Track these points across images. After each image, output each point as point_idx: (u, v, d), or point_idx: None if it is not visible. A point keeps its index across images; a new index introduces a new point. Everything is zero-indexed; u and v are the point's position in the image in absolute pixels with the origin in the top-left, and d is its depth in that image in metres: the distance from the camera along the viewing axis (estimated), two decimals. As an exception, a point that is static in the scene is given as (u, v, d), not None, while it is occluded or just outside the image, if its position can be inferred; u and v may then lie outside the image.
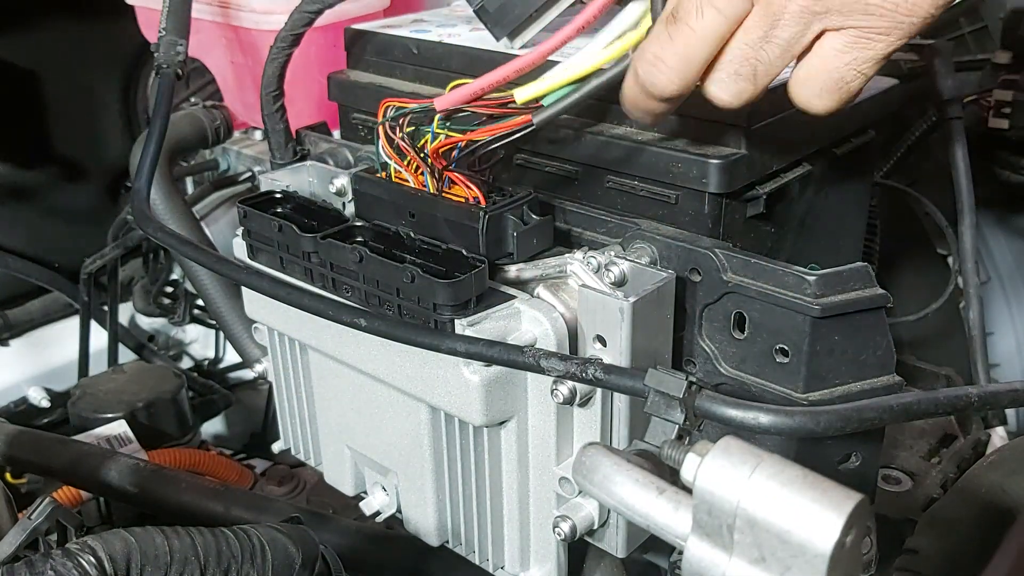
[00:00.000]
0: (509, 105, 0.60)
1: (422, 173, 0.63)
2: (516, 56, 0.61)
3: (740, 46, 0.53)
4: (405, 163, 0.63)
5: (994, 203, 1.02)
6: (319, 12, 0.77)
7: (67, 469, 0.84)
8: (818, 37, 0.52)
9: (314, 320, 0.60)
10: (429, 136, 0.61)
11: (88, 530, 0.56)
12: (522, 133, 0.60)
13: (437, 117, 0.61)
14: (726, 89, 0.54)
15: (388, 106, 0.62)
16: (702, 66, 0.54)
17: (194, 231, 1.02)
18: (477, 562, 0.68)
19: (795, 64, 0.54)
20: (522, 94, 0.60)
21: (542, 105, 0.59)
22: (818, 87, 0.54)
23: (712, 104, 0.55)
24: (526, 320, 0.58)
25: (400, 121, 0.61)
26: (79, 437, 0.95)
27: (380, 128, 0.63)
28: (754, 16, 0.53)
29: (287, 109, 0.83)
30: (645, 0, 0.57)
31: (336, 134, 0.86)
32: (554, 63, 0.60)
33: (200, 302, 1.45)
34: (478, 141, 0.61)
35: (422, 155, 0.61)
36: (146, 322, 1.51)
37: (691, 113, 0.60)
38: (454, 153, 0.61)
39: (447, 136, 0.61)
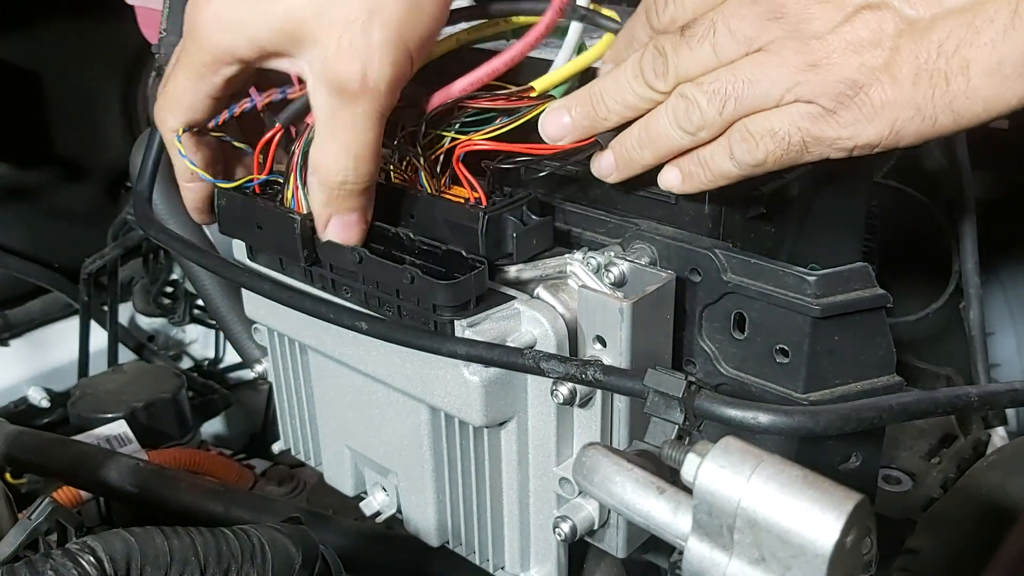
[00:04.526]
0: (525, 97, 0.60)
1: (419, 174, 0.63)
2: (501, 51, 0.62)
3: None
4: (402, 167, 0.63)
5: (994, 203, 1.02)
6: None
7: (67, 469, 0.84)
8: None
9: (314, 321, 0.60)
10: (446, 139, 0.61)
11: (88, 530, 0.56)
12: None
13: (426, 118, 0.61)
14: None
15: None
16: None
17: (194, 232, 1.03)
18: (477, 562, 0.68)
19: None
20: (540, 84, 0.61)
21: (553, 96, 0.61)
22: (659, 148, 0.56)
23: None
24: (526, 321, 0.58)
25: (400, 125, 0.61)
26: (79, 437, 0.96)
27: None
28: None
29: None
30: None
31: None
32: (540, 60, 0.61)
33: (200, 302, 1.46)
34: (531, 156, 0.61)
35: (420, 157, 0.61)
36: (146, 322, 1.51)
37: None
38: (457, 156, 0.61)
39: (443, 135, 0.61)
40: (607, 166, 0.60)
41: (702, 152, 0.56)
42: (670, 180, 0.58)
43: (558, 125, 0.59)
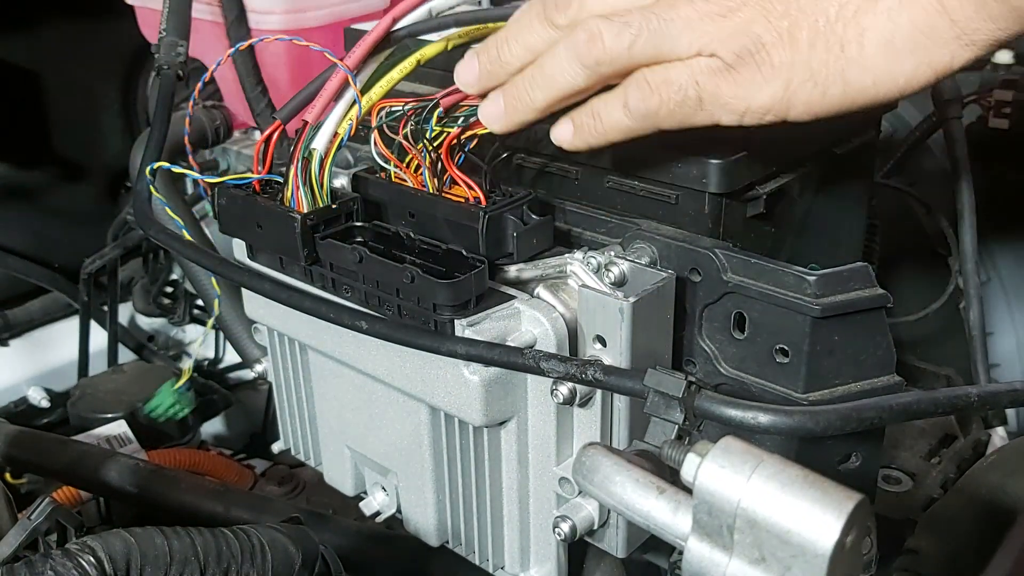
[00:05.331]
0: None
1: (422, 172, 0.62)
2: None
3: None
4: (404, 163, 0.63)
5: (994, 203, 1.02)
6: None
7: (67, 469, 0.84)
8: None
9: (314, 320, 0.60)
10: (429, 134, 0.61)
11: (88, 530, 0.56)
12: None
13: (437, 113, 0.61)
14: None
15: (381, 108, 0.62)
16: None
17: (194, 232, 1.02)
18: (477, 562, 0.68)
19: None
20: None
21: None
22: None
23: None
24: (526, 320, 0.58)
25: (402, 121, 0.61)
26: (79, 437, 0.96)
27: (374, 131, 0.63)
28: None
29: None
30: None
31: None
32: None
33: (200, 302, 1.46)
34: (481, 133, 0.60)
35: (429, 151, 0.61)
36: (146, 322, 1.51)
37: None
38: (459, 152, 0.61)
39: (449, 133, 0.61)
40: (494, 111, 0.57)
41: (595, 101, 0.55)
42: (562, 134, 0.57)
43: (467, 71, 0.58)
